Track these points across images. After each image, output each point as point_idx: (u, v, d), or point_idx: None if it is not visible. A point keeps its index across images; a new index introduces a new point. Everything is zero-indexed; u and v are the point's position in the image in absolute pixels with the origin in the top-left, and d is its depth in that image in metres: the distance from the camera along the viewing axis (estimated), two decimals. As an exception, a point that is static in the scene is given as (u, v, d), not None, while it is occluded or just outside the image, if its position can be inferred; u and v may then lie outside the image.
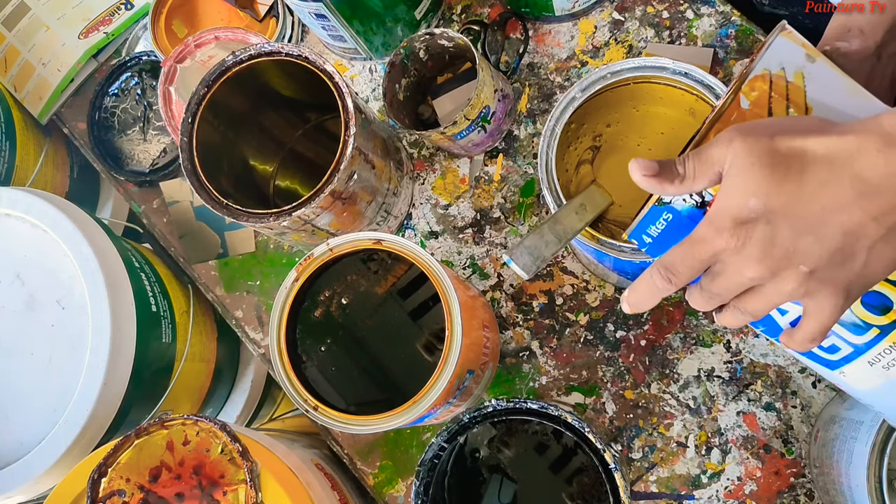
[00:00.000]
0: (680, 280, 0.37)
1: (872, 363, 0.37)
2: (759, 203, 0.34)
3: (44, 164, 0.90)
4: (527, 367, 0.69)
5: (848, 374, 0.39)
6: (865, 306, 0.37)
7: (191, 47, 0.76)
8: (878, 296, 0.36)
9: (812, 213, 0.33)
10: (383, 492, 0.70)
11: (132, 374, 0.67)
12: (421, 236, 0.74)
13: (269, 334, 0.57)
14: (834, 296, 0.34)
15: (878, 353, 0.37)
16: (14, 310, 0.69)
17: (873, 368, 0.38)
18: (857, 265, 0.33)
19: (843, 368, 0.39)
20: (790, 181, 0.33)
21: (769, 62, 0.39)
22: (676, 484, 0.64)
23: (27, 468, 0.64)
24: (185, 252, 0.82)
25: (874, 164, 0.32)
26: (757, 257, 0.34)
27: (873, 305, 0.37)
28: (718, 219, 0.35)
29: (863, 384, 0.39)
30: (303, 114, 0.77)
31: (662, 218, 0.40)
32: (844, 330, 0.38)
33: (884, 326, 0.37)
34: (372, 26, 0.72)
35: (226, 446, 0.54)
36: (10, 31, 0.90)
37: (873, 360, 0.37)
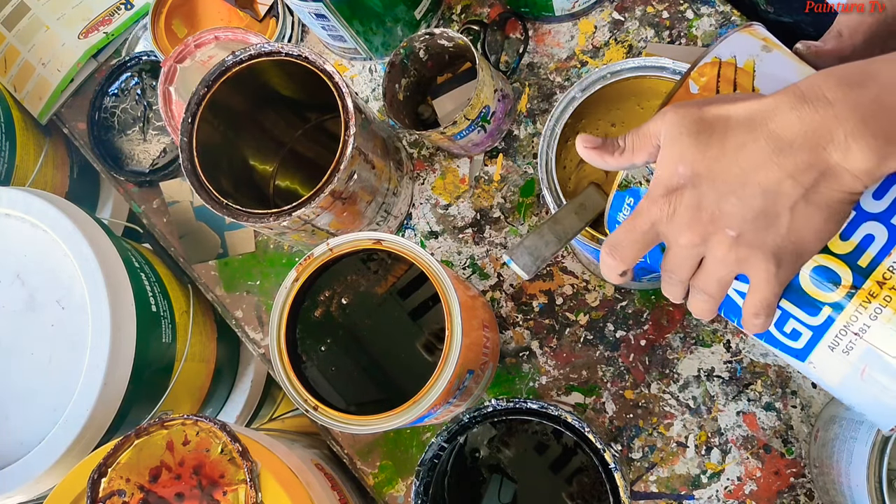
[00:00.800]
0: (624, 254, 0.38)
1: (833, 347, 0.36)
2: (687, 169, 0.35)
3: (44, 164, 0.90)
4: (527, 367, 0.69)
5: (817, 364, 0.38)
6: (815, 282, 0.36)
7: (191, 47, 0.76)
8: (825, 270, 0.35)
9: (733, 175, 0.34)
10: (383, 492, 0.70)
11: (132, 374, 0.67)
12: (421, 236, 0.74)
13: (269, 334, 0.57)
14: (764, 261, 0.34)
15: (834, 335, 0.36)
16: (14, 310, 0.69)
17: (835, 354, 0.36)
18: (782, 228, 0.33)
19: (811, 358, 0.38)
20: (713, 145, 0.34)
21: (721, 52, 0.40)
22: (676, 484, 0.64)
23: (27, 468, 0.64)
24: (185, 252, 0.82)
25: (789, 122, 0.32)
26: (686, 223, 0.35)
27: (822, 281, 0.35)
28: (653, 189, 0.36)
29: (832, 376, 0.38)
30: (303, 114, 0.77)
31: (626, 203, 0.41)
32: (800, 310, 0.37)
33: (835, 304, 0.35)
34: (372, 26, 0.72)
35: (226, 446, 0.54)
36: (9, 31, 0.90)
37: (832, 343, 0.36)
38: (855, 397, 0.37)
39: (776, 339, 0.39)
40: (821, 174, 0.32)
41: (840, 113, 0.31)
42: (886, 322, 0.34)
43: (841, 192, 0.33)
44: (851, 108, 0.31)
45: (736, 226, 0.34)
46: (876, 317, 0.34)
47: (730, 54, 0.39)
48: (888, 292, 0.34)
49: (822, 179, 0.33)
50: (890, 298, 0.34)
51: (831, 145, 0.32)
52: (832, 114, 0.31)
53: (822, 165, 0.32)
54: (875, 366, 0.35)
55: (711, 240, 0.35)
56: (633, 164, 0.38)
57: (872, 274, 0.34)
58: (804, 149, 0.32)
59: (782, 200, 0.33)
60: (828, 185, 0.33)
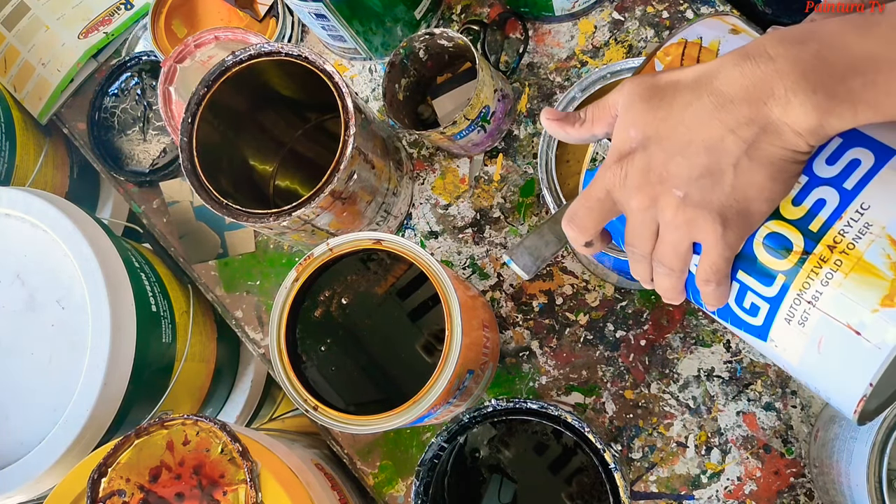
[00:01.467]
0: (582, 223, 0.38)
1: (789, 319, 0.35)
2: (638, 133, 0.35)
3: (44, 164, 0.90)
4: (527, 367, 0.69)
5: (778, 341, 0.37)
6: (768, 250, 0.35)
7: (191, 47, 0.76)
8: (778, 237, 0.34)
9: (679, 134, 0.34)
10: (383, 492, 0.70)
11: (132, 374, 0.67)
12: (421, 236, 0.74)
13: (269, 334, 0.57)
14: (711, 222, 0.34)
15: (789, 305, 0.35)
16: (14, 310, 0.69)
17: (792, 328, 0.35)
18: (726, 186, 0.33)
19: (772, 335, 0.37)
20: (663, 108, 0.34)
21: (689, 34, 0.40)
22: (676, 484, 0.64)
23: (27, 468, 0.64)
24: (185, 252, 0.82)
25: (731, 78, 0.33)
26: (637, 185, 0.35)
27: (775, 248, 0.35)
28: (608, 157, 0.37)
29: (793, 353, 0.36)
30: (303, 114, 0.77)
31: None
32: (756, 281, 0.36)
33: (788, 272, 0.34)
34: (371, 26, 0.72)
35: (226, 446, 0.54)
36: (9, 31, 0.90)
37: (788, 315, 0.35)
38: (817, 377, 0.36)
39: (737, 317, 0.38)
40: (761, 129, 0.32)
41: (781, 68, 0.31)
42: (837, 287, 0.33)
43: (783, 149, 0.32)
44: (792, 64, 0.31)
45: (682, 185, 0.34)
46: (827, 282, 0.33)
47: (696, 36, 0.40)
48: (839, 256, 0.32)
49: (763, 135, 0.32)
50: (840, 262, 0.32)
51: (772, 100, 0.32)
52: (773, 69, 0.31)
53: (762, 120, 0.32)
54: (831, 336, 0.33)
55: (660, 201, 0.35)
56: (593, 135, 0.39)
57: (823, 238, 0.33)
58: (745, 103, 0.32)
59: (725, 157, 0.33)
60: (769, 140, 0.32)
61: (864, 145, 0.33)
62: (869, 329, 0.32)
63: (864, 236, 0.32)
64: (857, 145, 0.33)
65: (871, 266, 0.31)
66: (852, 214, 0.32)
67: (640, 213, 0.36)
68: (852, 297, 0.32)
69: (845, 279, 0.32)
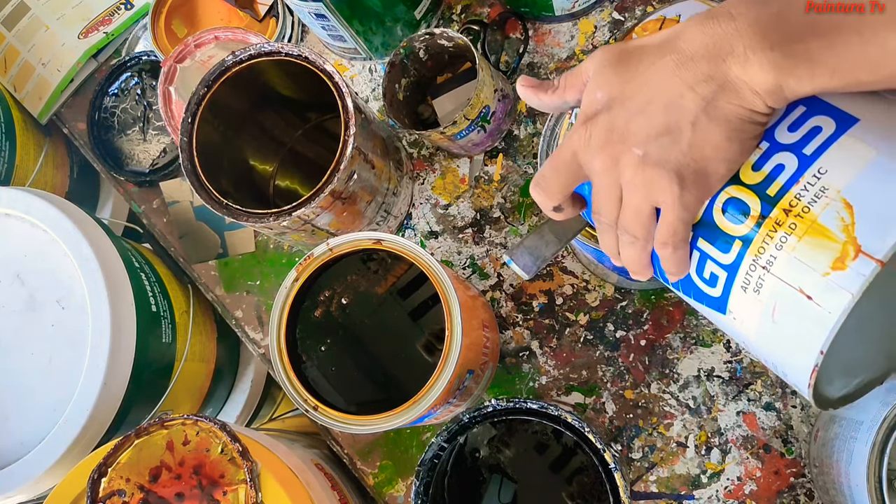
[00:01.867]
0: (549, 186, 0.38)
1: (745, 287, 0.34)
2: (604, 95, 0.35)
3: (44, 164, 0.90)
4: (527, 367, 0.69)
5: (736, 312, 0.36)
6: (727, 215, 0.34)
7: (191, 47, 0.76)
8: (736, 202, 0.34)
9: (642, 94, 0.34)
10: (383, 492, 0.70)
11: (132, 374, 0.67)
12: (421, 236, 0.74)
13: (269, 334, 0.57)
14: (668, 181, 0.34)
15: (745, 272, 0.34)
16: (14, 310, 0.69)
17: (748, 296, 0.35)
18: (683, 144, 0.33)
19: (730, 306, 0.36)
20: (629, 70, 0.35)
21: (668, 11, 0.40)
22: (676, 484, 0.64)
23: (27, 468, 0.64)
24: (185, 252, 0.82)
25: (693, 37, 0.33)
26: (599, 145, 0.35)
27: (733, 213, 0.34)
28: (576, 120, 0.37)
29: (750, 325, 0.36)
30: (303, 114, 0.77)
31: None
32: (714, 248, 0.35)
33: (744, 237, 0.34)
34: (371, 26, 0.72)
35: (226, 446, 0.54)
36: (9, 31, 0.90)
37: (744, 282, 0.34)
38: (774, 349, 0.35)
39: (698, 289, 0.38)
40: (720, 86, 0.32)
41: (741, 26, 0.31)
42: (791, 251, 0.32)
43: (740, 108, 0.32)
44: (752, 22, 0.31)
45: (642, 143, 0.34)
46: (781, 246, 0.32)
47: (675, 13, 0.40)
48: (793, 220, 0.32)
49: (721, 92, 0.32)
50: (795, 226, 0.32)
51: (731, 57, 0.32)
52: (733, 27, 0.32)
53: (721, 78, 0.32)
54: (784, 303, 0.33)
55: (621, 161, 0.35)
56: (564, 101, 0.39)
57: (780, 202, 0.33)
58: (704, 60, 0.32)
59: (684, 115, 0.33)
60: (727, 98, 0.32)
61: (827, 113, 0.33)
62: (820, 293, 0.31)
63: (819, 200, 0.31)
64: (819, 113, 0.33)
65: (825, 229, 0.31)
66: (809, 179, 0.32)
67: (604, 175, 0.36)
68: (805, 260, 0.31)
69: (799, 242, 0.32)
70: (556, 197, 0.39)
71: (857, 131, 0.32)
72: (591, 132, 0.35)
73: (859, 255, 0.29)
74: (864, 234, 0.30)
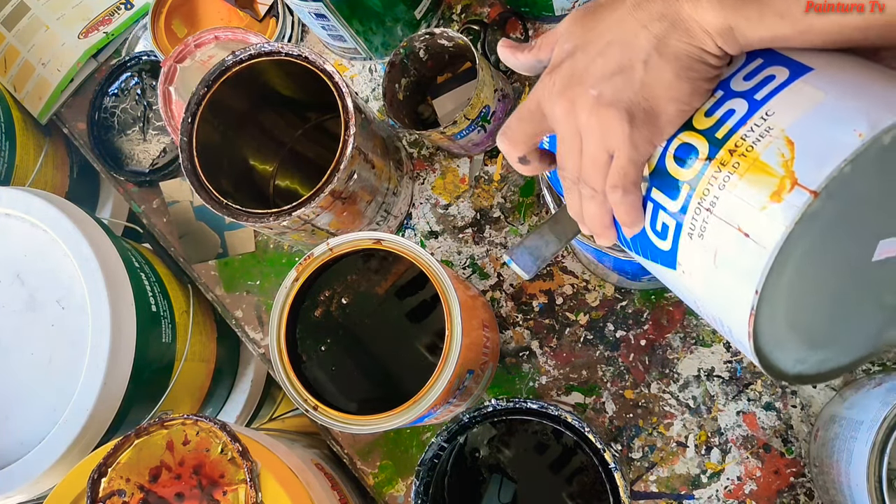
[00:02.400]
0: (513, 135, 0.39)
1: (691, 234, 0.34)
2: (569, 45, 0.36)
3: (44, 164, 0.90)
4: (527, 366, 0.69)
5: (685, 265, 0.35)
6: (677, 161, 0.34)
7: (191, 47, 0.76)
8: (687, 147, 0.34)
9: (602, 38, 0.35)
10: (383, 492, 0.70)
11: (132, 374, 0.67)
12: (421, 236, 0.74)
13: (269, 334, 0.57)
14: (619, 120, 0.34)
15: (692, 217, 0.33)
16: (14, 310, 0.69)
17: (694, 243, 0.34)
18: (635, 82, 0.33)
19: (679, 258, 0.35)
20: (594, 20, 0.36)
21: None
22: (676, 484, 0.64)
23: (27, 468, 0.64)
24: (185, 252, 0.82)
25: None
26: (560, 90, 0.36)
27: (682, 158, 0.34)
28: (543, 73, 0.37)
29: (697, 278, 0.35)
30: (303, 114, 0.77)
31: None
32: (665, 196, 0.35)
33: (691, 180, 0.33)
34: (371, 26, 0.72)
35: (226, 446, 0.54)
36: (9, 31, 0.90)
37: (690, 228, 0.34)
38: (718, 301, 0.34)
39: (652, 245, 0.37)
40: (672, 24, 0.33)
41: None
42: (733, 189, 0.31)
43: (690, 46, 0.33)
44: None
45: (597, 83, 0.34)
46: (724, 186, 0.32)
47: None
48: (737, 159, 0.32)
49: (672, 30, 0.33)
50: (738, 165, 0.31)
51: None
52: None
53: (673, 15, 0.33)
54: (724, 244, 0.32)
55: (577, 103, 0.35)
56: (538, 60, 0.40)
57: (726, 143, 0.32)
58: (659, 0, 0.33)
59: (637, 53, 0.33)
60: (678, 36, 0.33)
61: (783, 64, 0.33)
62: (756, 228, 0.30)
63: (763, 139, 0.31)
64: (775, 64, 0.33)
65: (766, 165, 0.30)
66: (756, 121, 0.32)
67: (565, 122, 0.36)
68: (744, 197, 0.31)
69: (740, 180, 0.31)
70: (520, 147, 0.39)
71: (809, 78, 0.31)
72: (555, 79, 0.36)
73: (795, 187, 0.29)
74: (801, 168, 0.29)
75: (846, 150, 0.28)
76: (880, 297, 0.35)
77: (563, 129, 0.36)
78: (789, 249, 0.29)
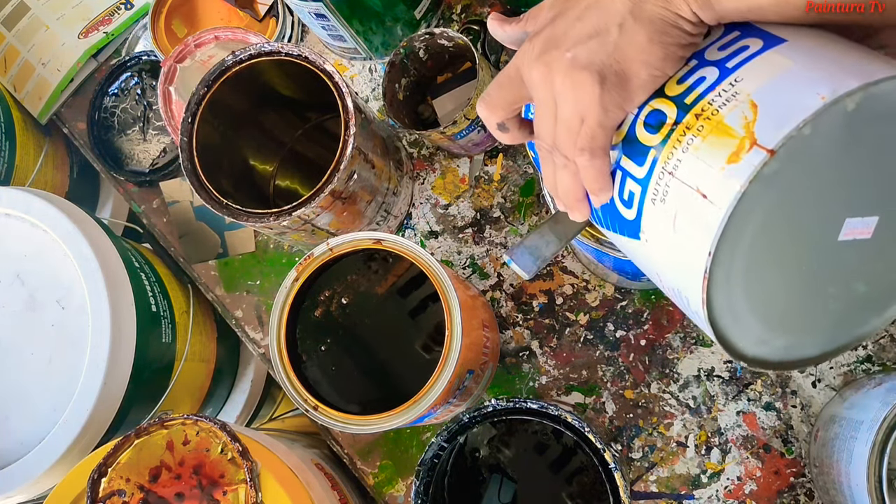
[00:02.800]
0: (491, 100, 0.39)
1: (654, 199, 0.33)
2: (552, 13, 0.36)
3: (44, 164, 0.90)
4: (527, 366, 0.69)
5: (647, 233, 0.35)
6: (646, 127, 0.34)
7: (191, 47, 0.76)
8: (656, 113, 0.34)
9: (580, 2, 0.35)
10: (383, 492, 0.70)
11: (132, 374, 0.67)
12: (421, 236, 0.74)
13: (269, 334, 0.57)
14: (591, 82, 0.34)
15: (655, 182, 0.33)
16: (14, 310, 0.69)
17: (656, 209, 0.33)
18: (609, 45, 0.34)
19: (643, 226, 0.35)
20: None
21: None
22: (676, 484, 0.64)
23: (27, 468, 0.64)
24: (185, 252, 0.82)
25: None
26: (538, 54, 0.36)
27: (652, 124, 0.34)
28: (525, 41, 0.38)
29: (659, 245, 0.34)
30: (303, 114, 0.77)
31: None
32: (632, 163, 0.35)
33: (658, 145, 0.33)
34: (371, 26, 0.72)
35: (226, 446, 0.54)
36: (9, 31, 0.90)
37: (654, 193, 0.33)
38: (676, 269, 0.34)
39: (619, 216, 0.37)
40: None
41: None
42: (695, 152, 0.31)
43: (665, 10, 0.33)
44: None
45: (572, 46, 0.34)
46: (687, 148, 0.32)
47: None
48: (702, 122, 0.31)
49: None
50: (702, 128, 0.31)
51: None
52: None
53: None
54: (684, 207, 0.32)
55: (554, 67, 0.35)
56: (525, 32, 0.40)
57: (693, 108, 0.32)
58: None
59: (613, 17, 0.34)
60: (654, 1, 0.33)
61: (758, 36, 0.33)
62: (713, 189, 0.30)
63: (728, 103, 0.31)
64: (751, 36, 0.33)
65: (728, 128, 0.30)
66: (725, 87, 0.31)
67: (541, 87, 0.36)
68: (705, 158, 0.31)
69: (703, 143, 0.31)
70: (499, 112, 0.39)
71: (781, 48, 0.31)
72: (534, 44, 0.36)
73: (753, 147, 0.29)
74: (761, 129, 0.29)
75: (807, 111, 0.28)
76: (850, 286, 0.34)
77: (539, 95, 0.36)
78: (745, 211, 0.29)
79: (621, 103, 0.34)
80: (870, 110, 0.28)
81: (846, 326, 0.35)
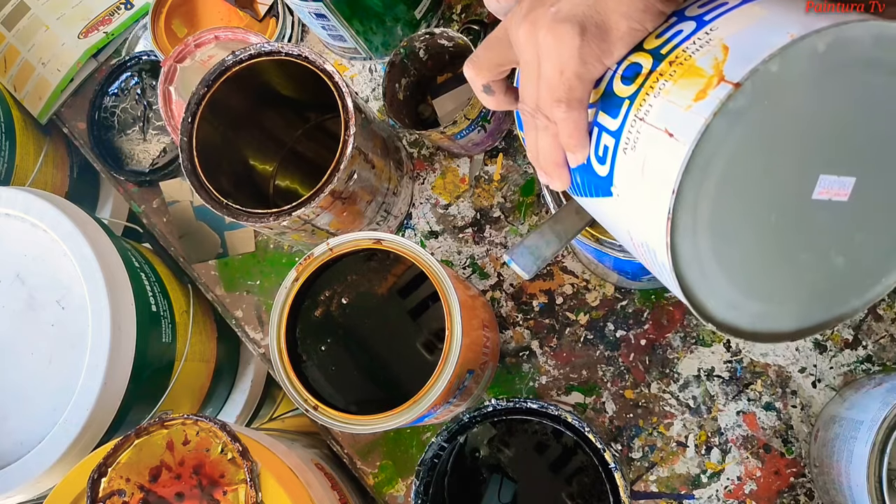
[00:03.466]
0: (478, 62, 0.39)
1: (626, 149, 0.33)
2: None
3: (43, 164, 0.90)
4: (527, 366, 0.69)
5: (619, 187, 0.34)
6: (623, 80, 0.34)
7: (191, 47, 0.76)
8: (633, 66, 0.34)
9: None
10: (383, 492, 0.70)
11: (132, 374, 0.67)
12: (421, 236, 0.74)
13: (269, 334, 0.57)
14: (571, 34, 0.34)
15: (627, 131, 0.32)
16: (14, 310, 0.69)
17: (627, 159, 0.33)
18: None
19: (615, 180, 0.34)
20: None
21: None
22: (676, 483, 0.64)
23: (27, 468, 0.64)
24: (185, 252, 0.82)
25: None
26: (524, 13, 0.36)
27: (628, 77, 0.34)
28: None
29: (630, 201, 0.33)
30: (303, 114, 0.77)
31: None
32: (607, 116, 0.34)
33: (632, 95, 0.33)
34: (372, 26, 0.72)
35: (226, 446, 0.54)
36: (9, 31, 0.90)
37: (625, 143, 0.33)
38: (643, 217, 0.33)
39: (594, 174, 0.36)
40: None
41: None
42: (666, 95, 0.31)
43: None
44: None
45: (556, 1, 0.34)
46: (658, 93, 0.31)
47: None
48: (675, 68, 0.31)
49: None
50: (674, 73, 0.31)
51: None
52: None
53: None
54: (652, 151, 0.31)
55: (538, 23, 0.35)
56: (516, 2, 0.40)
57: (668, 56, 0.32)
58: None
59: None
60: None
61: None
62: (679, 127, 0.29)
63: (701, 49, 0.31)
64: None
65: (699, 69, 0.30)
66: (700, 35, 0.31)
67: (526, 45, 0.36)
68: (674, 99, 0.30)
69: (674, 86, 0.31)
70: (484, 74, 0.39)
71: (759, 2, 0.31)
72: (522, 5, 0.36)
73: (721, 83, 0.28)
74: (730, 66, 0.29)
75: (774, 47, 0.27)
76: (827, 256, 0.33)
77: (524, 54, 0.36)
78: (710, 148, 0.28)
79: (601, 56, 0.34)
80: (844, 54, 0.28)
81: (824, 302, 0.34)
